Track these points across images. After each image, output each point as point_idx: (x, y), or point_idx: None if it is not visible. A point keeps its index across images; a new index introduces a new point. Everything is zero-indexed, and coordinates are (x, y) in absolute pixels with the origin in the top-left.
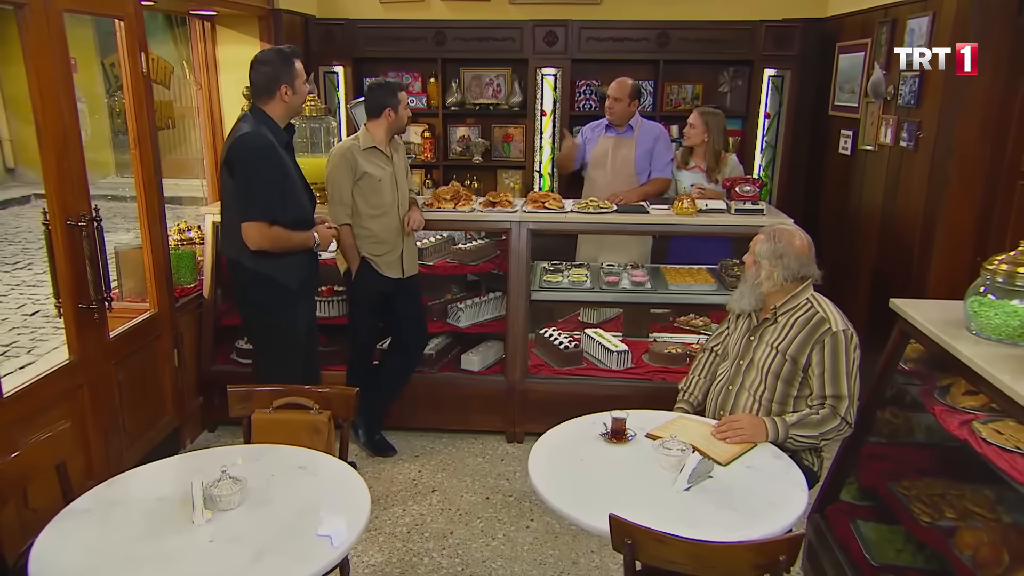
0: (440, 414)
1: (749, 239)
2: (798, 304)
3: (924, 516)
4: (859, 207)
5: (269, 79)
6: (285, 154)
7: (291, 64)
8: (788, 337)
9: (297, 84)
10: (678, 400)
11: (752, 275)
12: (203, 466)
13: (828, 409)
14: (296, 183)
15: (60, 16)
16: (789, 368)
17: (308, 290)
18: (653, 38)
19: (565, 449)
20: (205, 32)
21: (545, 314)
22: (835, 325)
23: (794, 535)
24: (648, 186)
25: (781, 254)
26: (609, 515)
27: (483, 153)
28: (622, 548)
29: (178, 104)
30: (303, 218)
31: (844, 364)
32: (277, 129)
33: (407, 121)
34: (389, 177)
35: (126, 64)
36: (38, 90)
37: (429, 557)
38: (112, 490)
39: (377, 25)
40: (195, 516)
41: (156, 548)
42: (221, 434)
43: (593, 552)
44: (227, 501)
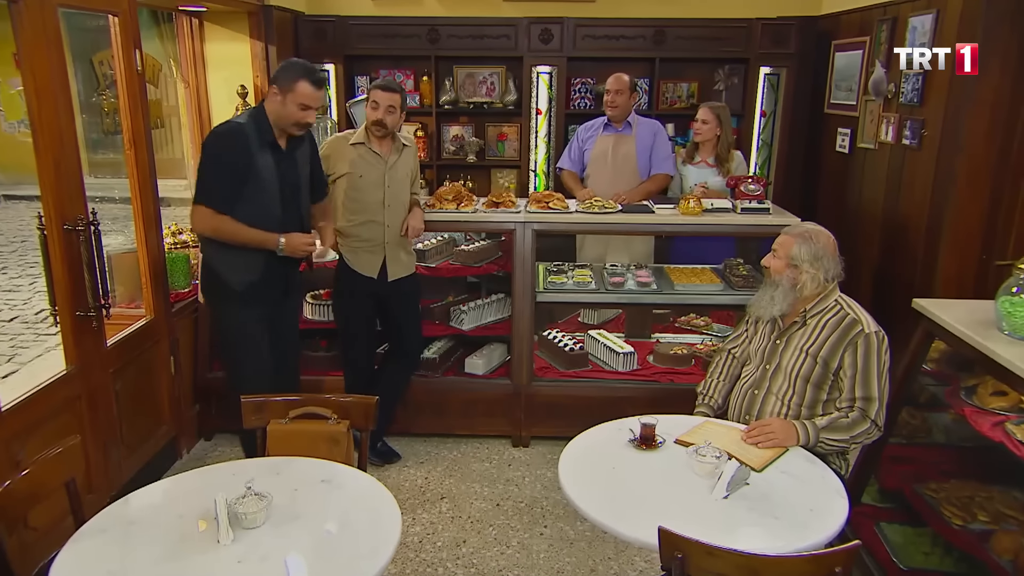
0: (444, 419)
1: (754, 239)
2: (827, 306)
3: (956, 519)
4: (859, 206)
5: (275, 75)
6: (264, 152)
7: (295, 78)
8: (819, 340)
9: (288, 99)
10: (697, 404)
11: (788, 280)
12: (218, 481)
13: (858, 412)
14: (265, 184)
15: (55, 12)
16: (820, 372)
17: (259, 296)
18: (649, 36)
19: (594, 457)
20: (193, 29)
21: (546, 315)
22: (867, 327)
23: (850, 546)
24: (650, 183)
25: (820, 256)
26: (658, 528)
27: (477, 152)
28: (672, 562)
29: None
30: (263, 221)
31: (875, 366)
32: (266, 126)
33: (382, 119)
34: (377, 176)
35: (120, 62)
36: (34, 90)
37: (444, 567)
38: (127, 508)
39: (369, 22)
40: (220, 535)
41: (182, 570)
42: (218, 443)
43: (610, 559)
44: (252, 519)
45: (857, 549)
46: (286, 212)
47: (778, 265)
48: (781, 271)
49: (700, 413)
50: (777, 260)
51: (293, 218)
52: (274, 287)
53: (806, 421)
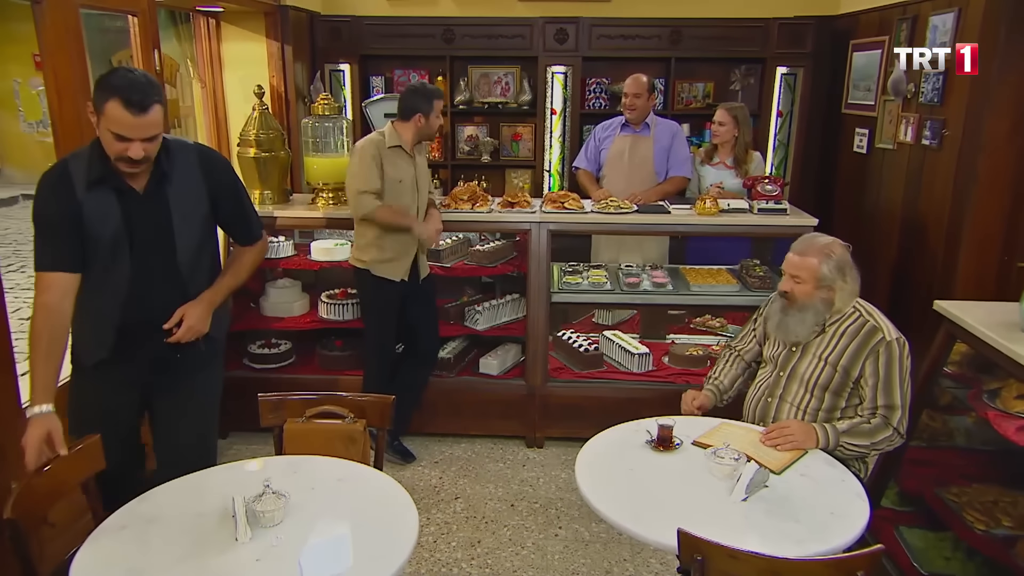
0: (459, 419)
1: (771, 240)
2: (845, 313)
3: (979, 524)
4: (877, 206)
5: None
6: (99, 196)
7: (105, 97)
8: (838, 348)
9: (102, 124)
10: (705, 385)
11: (821, 301)
12: (236, 479)
13: (880, 419)
14: (100, 241)
15: (77, 12)
16: (839, 380)
17: (108, 381)
18: (665, 35)
19: (611, 458)
20: (210, 29)
21: (560, 316)
22: (888, 334)
23: (873, 550)
24: (667, 185)
25: (845, 266)
26: (677, 530)
27: (491, 153)
28: (692, 564)
29: (182, 103)
30: (104, 295)
31: (898, 374)
32: (98, 160)
33: (437, 130)
34: (411, 180)
35: (139, 61)
36: (55, 88)
37: (458, 567)
38: (146, 506)
39: (384, 22)
40: (238, 533)
41: (202, 569)
42: (233, 441)
43: (626, 560)
44: (270, 517)
45: (880, 554)
46: (149, 278)
47: (806, 289)
48: (810, 295)
49: (707, 391)
50: (803, 285)
51: (167, 288)
52: (136, 366)
53: (826, 424)
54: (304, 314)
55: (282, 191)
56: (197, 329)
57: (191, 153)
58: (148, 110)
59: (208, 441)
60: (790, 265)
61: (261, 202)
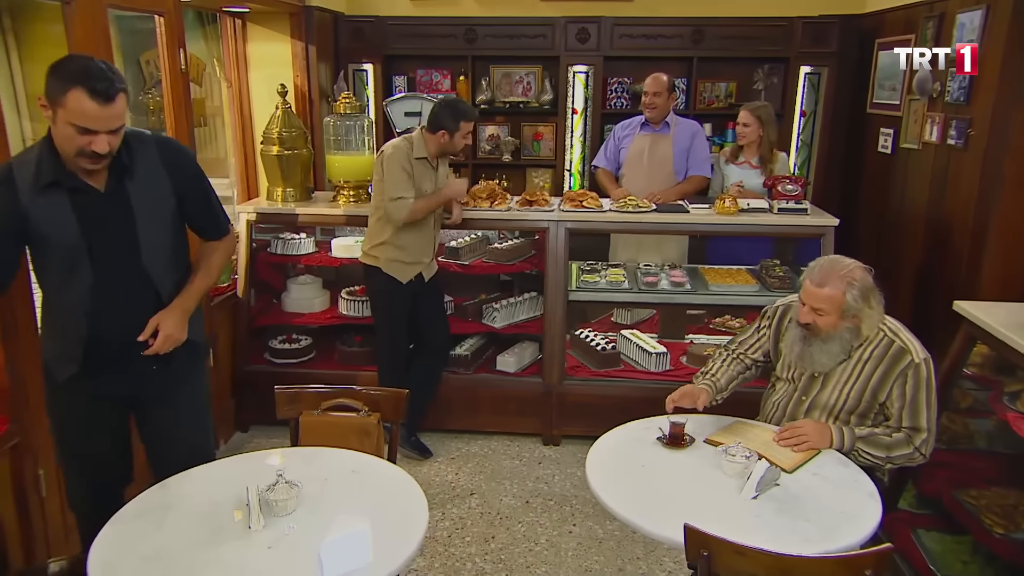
0: (476, 416)
1: (792, 240)
2: (871, 334)
3: (997, 527)
4: (901, 207)
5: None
6: (51, 196)
7: (66, 86)
8: (864, 374)
9: (60, 116)
10: (698, 381)
11: (848, 331)
12: (252, 469)
13: (904, 435)
14: (53, 243)
15: (105, 12)
16: (867, 404)
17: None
18: (687, 35)
19: (622, 455)
20: (236, 29)
21: (578, 315)
22: (916, 356)
23: (882, 548)
24: (686, 184)
25: (868, 291)
26: (684, 525)
27: (512, 152)
28: (698, 560)
29: (209, 103)
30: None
31: (924, 398)
32: (49, 158)
33: (461, 149)
34: (432, 191)
35: (165, 61)
36: None
37: (472, 562)
38: (164, 494)
39: (407, 22)
40: (252, 522)
41: (215, 555)
42: (254, 434)
43: (639, 559)
44: (283, 506)
45: (889, 553)
46: (114, 283)
47: (830, 321)
48: (835, 325)
49: (702, 385)
50: (827, 317)
51: (135, 292)
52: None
53: (843, 426)
54: (324, 310)
55: (304, 188)
56: (175, 338)
57: (150, 144)
58: (114, 99)
59: (205, 451)
60: (810, 297)
61: (284, 199)
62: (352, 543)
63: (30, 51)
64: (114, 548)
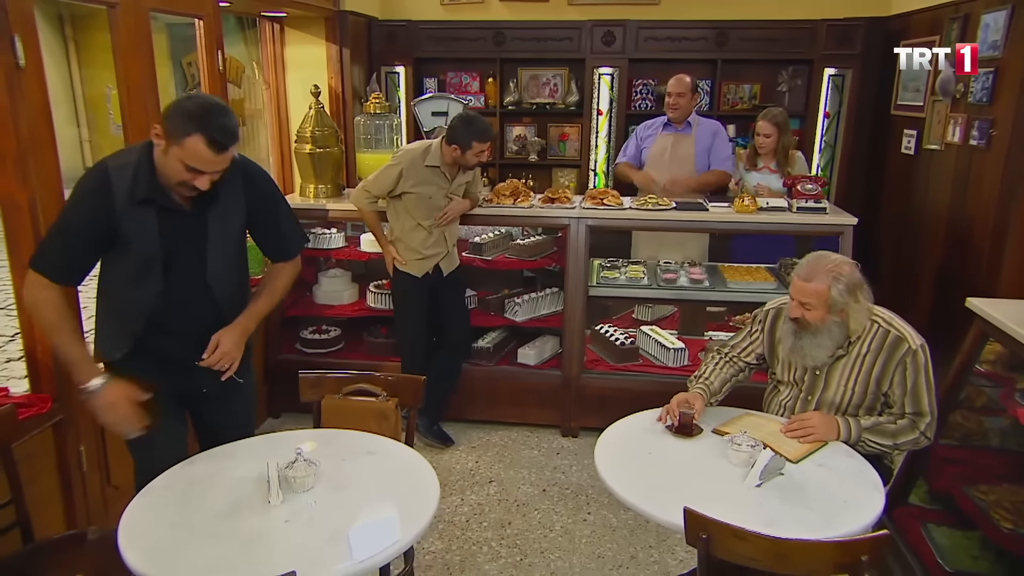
0: (497, 407)
1: (811, 238)
2: (865, 327)
3: (1005, 523)
4: (923, 207)
5: (167, 111)
6: (141, 211)
7: (187, 131)
8: (865, 367)
9: (173, 152)
10: (692, 385)
11: (836, 324)
12: (276, 449)
13: (908, 420)
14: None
15: (147, 15)
16: (872, 396)
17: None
18: (711, 37)
19: (631, 442)
20: (274, 33)
21: (600, 311)
22: (913, 342)
23: (879, 535)
24: (709, 175)
25: (856, 285)
26: (684, 508)
27: (539, 152)
28: (697, 542)
29: (248, 104)
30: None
31: (924, 382)
32: (146, 177)
33: (472, 166)
34: (439, 199)
35: (204, 62)
36: (125, 87)
37: (488, 546)
38: (191, 469)
39: (437, 26)
40: (271, 497)
41: (235, 527)
42: (285, 420)
43: (651, 547)
44: (301, 483)
45: (886, 539)
46: (179, 292)
47: (817, 315)
48: (823, 319)
49: (695, 391)
50: (814, 311)
51: (197, 301)
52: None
53: (850, 418)
54: (353, 303)
55: (335, 185)
56: (232, 356)
57: (235, 168)
58: (229, 150)
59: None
60: (798, 292)
61: (316, 196)
62: (381, 528)
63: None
64: (143, 517)
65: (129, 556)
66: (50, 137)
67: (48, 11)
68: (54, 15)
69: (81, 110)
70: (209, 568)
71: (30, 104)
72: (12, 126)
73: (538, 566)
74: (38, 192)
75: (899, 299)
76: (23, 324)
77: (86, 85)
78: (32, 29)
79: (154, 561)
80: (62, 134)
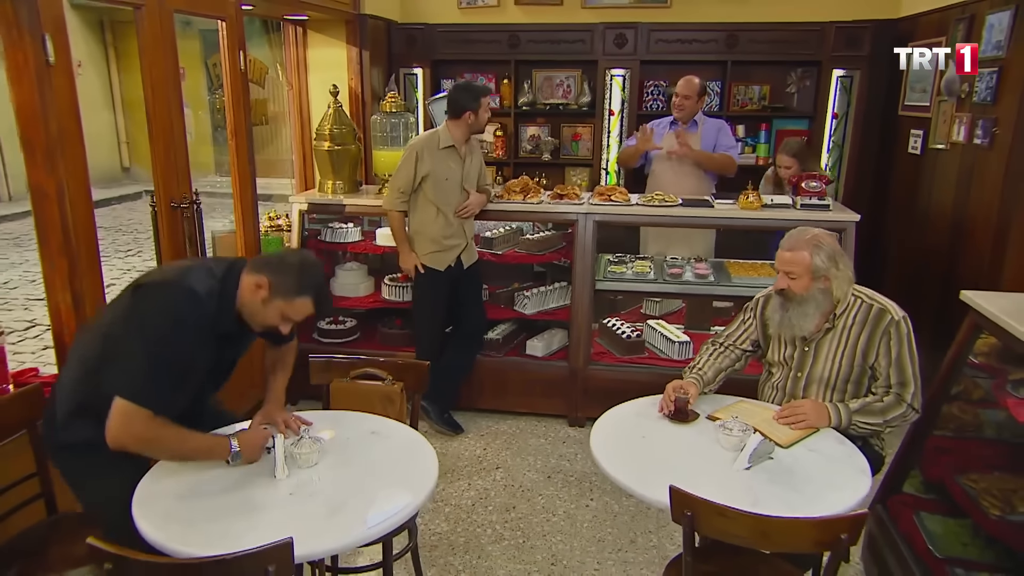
0: (505, 397)
1: None
2: (848, 303)
3: (994, 509)
4: (928, 206)
5: (273, 267)
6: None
7: (299, 293)
8: (851, 339)
9: (276, 304)
10: (687, 375)
11: (819, 292)
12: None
13: (893, 396)
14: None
15: (171, 16)
16: (859, 369)
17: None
18: (721, 39)
19: (627, 426)
20: (297, 36)
21: (609, 306)
22: (895, 313)
23: (857, 513)
24: (716, 155)
25: (836, 254)
26: (669, 486)
27: (552, 151)
28: (682, 519)
29: (272, 105)
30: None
31: (907, 352)
32: (229, 314)
33: (486, 123)
34: (457, 179)
35: (226, 61)
36: (150, 86)
37: (492, 529)
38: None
39: (454, 29)
40: (276, 471)
41: (242, 498)
42: (301, 407)
43: (651, 532)
44: (306, 459)
45: (864, 517)
46: (207, 388)
47: (803, 284)
48: (807, 287)
49: (689, 380)
50: (799, 280)
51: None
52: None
53: (839, 403)
54: (368, 295)
55: (353, 181)
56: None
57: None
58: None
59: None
60: (782, 262)
61: (333, 191)
62: (382, 500)
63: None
64: (155, 489)
65: (142, 525)
66: (77, 131)
67: (90, 18)
68: (95, 21)
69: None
70: (216, 536)
71: (59, 99)
72: (42, 120)
73: (540, 548)
74: (66, 182)
75: (906, 297)
76: (51, 309)
77: (125, 88)
78: (62, 29)
79: (165, 530)
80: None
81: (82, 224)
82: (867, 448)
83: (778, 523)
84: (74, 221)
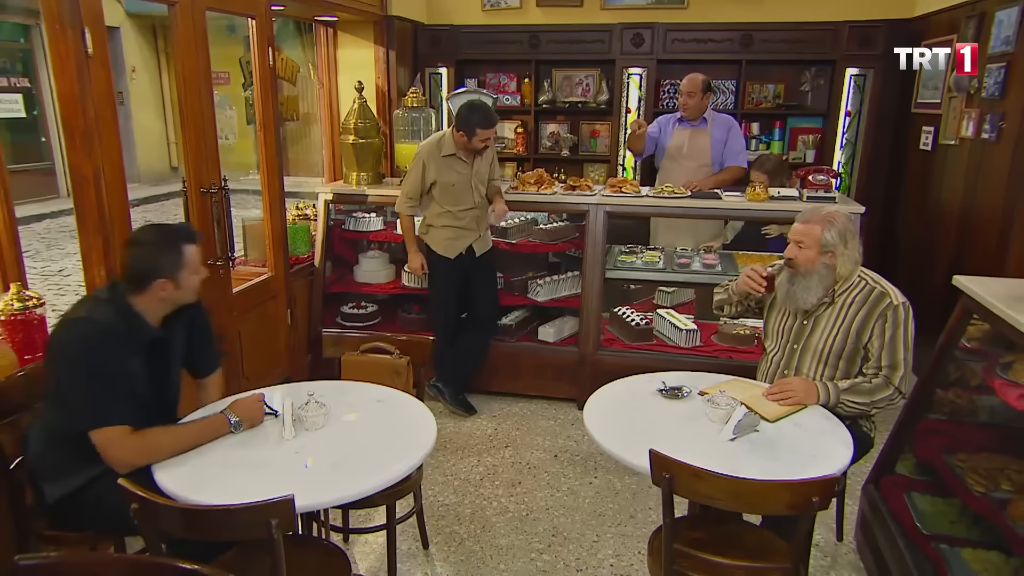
0: (517, 380)
1: None
2: (852, 282)
3: (978, 486)
4: (938, 202)
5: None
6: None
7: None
8: (849, 316)
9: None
10: (717, 292)
11: (824, 267)
12: (295, 393)
13: (882, 378)
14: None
15: (203, 14)
16: (852, 346)
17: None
18: (736, 39)
19: (621, 400)
20: (328, 37)
21: (621, 296)
22: (895, 299)
23: (827, 477)
24: (723, 174)
25: (848, 235)
26: (649, 450)
27: (571, 148)
28: (661, 481)
29: (304, 104)
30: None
31: (902, 336)
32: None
33: (479, 149)
34: (465, 182)
35: (256, 58)
36: (183, 79)
37: (498, 502)
38: (214, 409)
39: (478, 30)
40: (284, 432)
41: (249, 456)
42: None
43: (651, 508)
44: (312, 422)
45: (834, 480)
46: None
47: (809, 255)
48: (814, 260)
49: (718, 292)
50: (806, 251)
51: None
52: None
53: (828, 382)
54: (389, 282)
55: (376, 173)
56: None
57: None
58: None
59: None
60: (795, 232)
61: (357, 182)
62: (385, 458)
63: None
64: None
65: (160, 477)
66: (113, 118)
67: (143, 23)
68: (148, 27)
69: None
70: (226, 489)
71: (97, 88)
72: (81, 107)
73: (542, 520)
74: (102, 165)
75: (916, 289)
76: (87, 282)
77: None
78: (100, 22)
79: (182, 483)
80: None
81: (116, 204)
82: (855, 429)
83: (751, 485)
84: (109, 201)
